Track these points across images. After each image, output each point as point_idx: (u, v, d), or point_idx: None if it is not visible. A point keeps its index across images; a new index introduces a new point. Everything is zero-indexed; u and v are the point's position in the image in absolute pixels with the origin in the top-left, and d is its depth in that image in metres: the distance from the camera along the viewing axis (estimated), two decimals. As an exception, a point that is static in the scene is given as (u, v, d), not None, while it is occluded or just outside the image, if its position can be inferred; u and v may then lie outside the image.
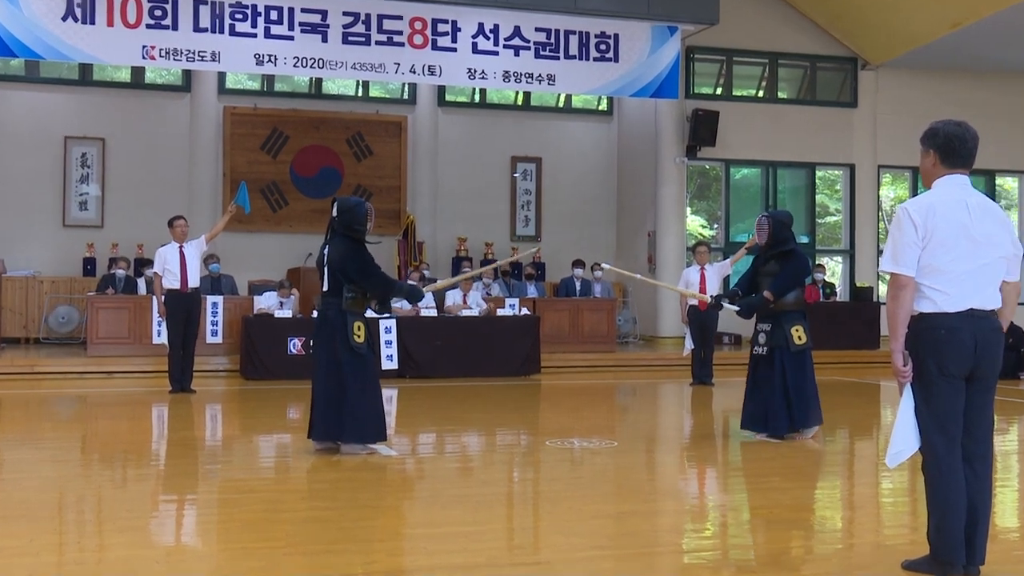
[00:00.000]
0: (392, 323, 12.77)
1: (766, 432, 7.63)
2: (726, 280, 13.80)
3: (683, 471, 6.96)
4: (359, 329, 6.79)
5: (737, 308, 7.85)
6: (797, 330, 7.65)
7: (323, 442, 6.95)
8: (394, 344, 12.75)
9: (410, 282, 13.84)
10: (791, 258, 7.76)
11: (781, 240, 7.78)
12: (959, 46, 17.59)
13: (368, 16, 14.53)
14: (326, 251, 6.89)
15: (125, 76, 17.95)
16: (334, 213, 6.88)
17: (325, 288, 6.90)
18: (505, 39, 15.08)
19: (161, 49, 13.78)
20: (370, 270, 6.83)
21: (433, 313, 13.45)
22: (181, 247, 10.80)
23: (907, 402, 3.90)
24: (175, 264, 10.69)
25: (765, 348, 7.68)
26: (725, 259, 13.80)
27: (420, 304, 12.47)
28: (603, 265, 9.64)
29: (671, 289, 12.24)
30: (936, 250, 3.83)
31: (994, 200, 7.58)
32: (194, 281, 10.74)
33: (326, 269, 6.87)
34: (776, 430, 7.59)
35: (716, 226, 19.95)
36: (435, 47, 14.77)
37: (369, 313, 7.07)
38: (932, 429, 3.87)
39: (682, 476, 6.79)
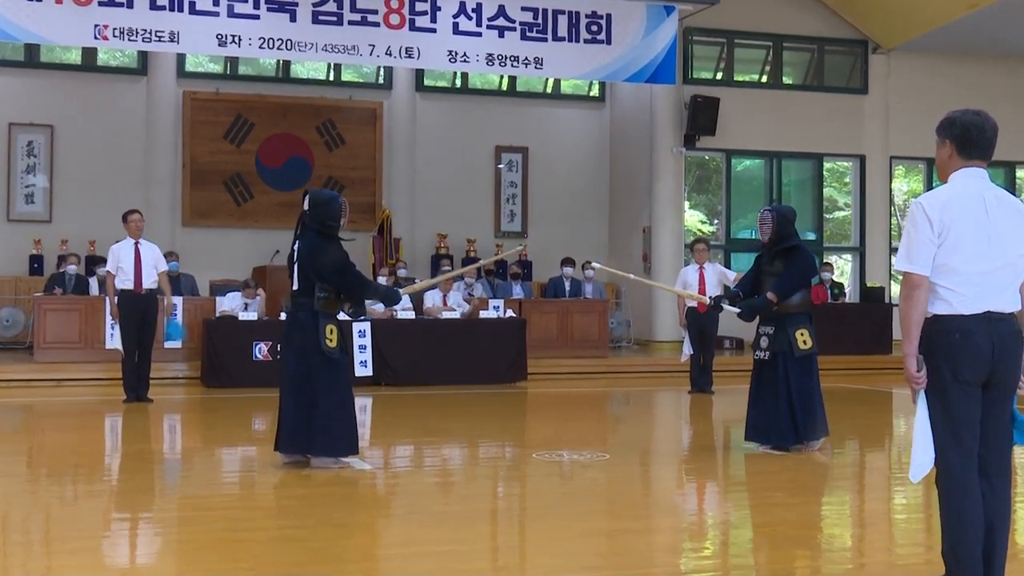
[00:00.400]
0: (367, 326, 12.75)
1: (770, 444, 7.66)
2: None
3: (680, 486, 6.97)
4: (331, 332, 6.78)
5: (738, 310, 7.86)
6: (802, 334, 7.66)
7: (291, 455, 6.93)
8: (368, 349, 12.73)
9: (380, 280, 13.86)
10: (796, 256, 7.77)
11: (785, 236, 7.80)
12: (978, 28, 17.70)
13: (340, -7, 14.50)
14: (296, 248, 6.89)
15: (76, 58, 17.87)
16: (305, 207, 6.87)
17: (295, 288, 6.89)
18: (489, 19, 15.09)
19: (115, 28, 13.72)
20: (344, 269, 6.83)
21: (411, 315, 13.44)
22: (136, 244, 10.75)
23: (923, 411, 3.92)
24: (129, 262, 10.64)
25: (767, 353, 7.70)
26: (727, 265, 13.89)
27: (396, 306, 12.44)
28: (594, 264, 9.60)
29: (668, 290, 12.31)
30: (952, 248, 3.85)
31: (1014, 194, 7.63)
32: (149, 281, 10.70)
33: (296, 267, 6.86)
34: (781, 442, 7.61)
35: (716, 222, 20.02)
36: (413, 27, 14.76)
37: (342, 316, 7.06)
38: (946, 440, 3.89)
39: (679, 491, 6.81)
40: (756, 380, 7.81)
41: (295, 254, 6.89)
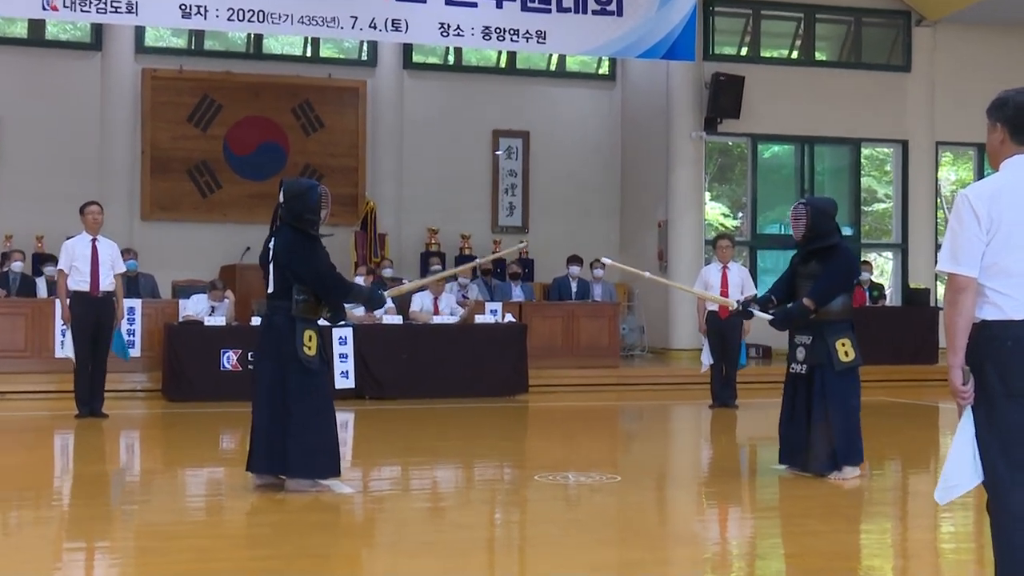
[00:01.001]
0: (348, 332, 12.76)
1: (805, 471, 7.58)
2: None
3: (700, 512, 6.98)
4: (310, 339, 6.79)
5: (770, 317, 7.81)
6: (843, 344, 7.54)
7: (264, 476, 6.94)
8: (350, 358, 12.74)
9: (358, 280, 13.86)
10: (835, 256, 7.67)
11: (824, 233, 7.70)
12: (1035, -3, 17.71)
13: (319, -41, 14.52)
14: (271, 245, 6.90)
15: (21, 31, 17.88)
16: (281, 199, 6.88)
17: (270, 290, 6.91)
18: (485, -12, 15.09)
19: (66, -2, 13.72)
20: (322, 269, 6.84)
21: (398, 320, 13.45)
22: (94, 240, 10.75)
23: (965, 427, 3.93)
24: (85, 260, 10.64)
25: (804, 366, 7.62)
26: (753, 264, 13.81)
27: (380, 311, 12.46)
28: (604, 261, 9.55)
29: (689, 292, 12.20)
30: (1002, 246, 3.85)
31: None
32: (107, 282, 10.70)
33: (271, 266, 6.88)
34: (819, 469, 7.52)
35: (741, 215, 20.03)
36: (400, -4, 14.76)
37: (322, 321, 7.08)
38: (996, 460, 3.89)
39: (699, 518, 6.82)
40: (790, 397, 7.72)
41: (270, 252, 6.90)
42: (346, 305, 7.27)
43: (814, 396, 7.52)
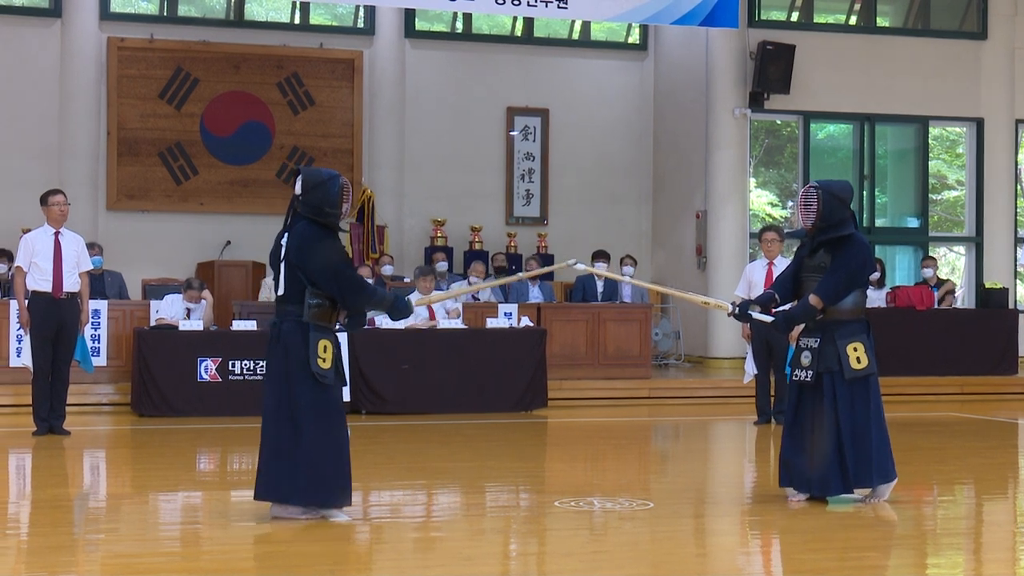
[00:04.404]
0: (343, 340, 12.78)
1: (809, 492, 7.60)
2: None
3: (744, 543, 6.99)
4: (325, 350, 6.83)
5: (770, 319, 7.82)
6: (855, 348, 7.54)
7: (273, 503, 6.97)
8: (345, 368, 12.76)
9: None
10: (848, 247, 7.63)
11: (837, 223, 7.67)
12: None
13: (309, -87, 14.57)
14: (284, 241, 6.96)
15: (-29, -4, 17.95)
16: (297, 191, 6.95)
17: (280, 292, 6.96)
18: (498, -55, 15.12)
19: (22, -41, 13.80)
20: (341, 269, 6.89)
21: (400, 325, 13.45)
22: (57, 234, 10.80)
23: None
24: (47, 257, 10.67)
25: (810, 373, 7.64)
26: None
27: (406, 320, 12.44)
28: (574, 265, 8.78)
29: (676, 295, 11.74)
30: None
31: None
32: (71, 282, 10.74)
33: (283, 266, 6.93)
34: (824, 490, 7.56)
35: (791, 204, 20.00)
36: (401, -44, 14.80)
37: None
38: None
39: (742, 550, 6.82)
40: (794, 408, 7.73)
41: (281, 249, 6.96)
42: (368, 314, 7.28)
43: (824, 408, 7.53)
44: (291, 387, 6.80)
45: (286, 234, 6.95)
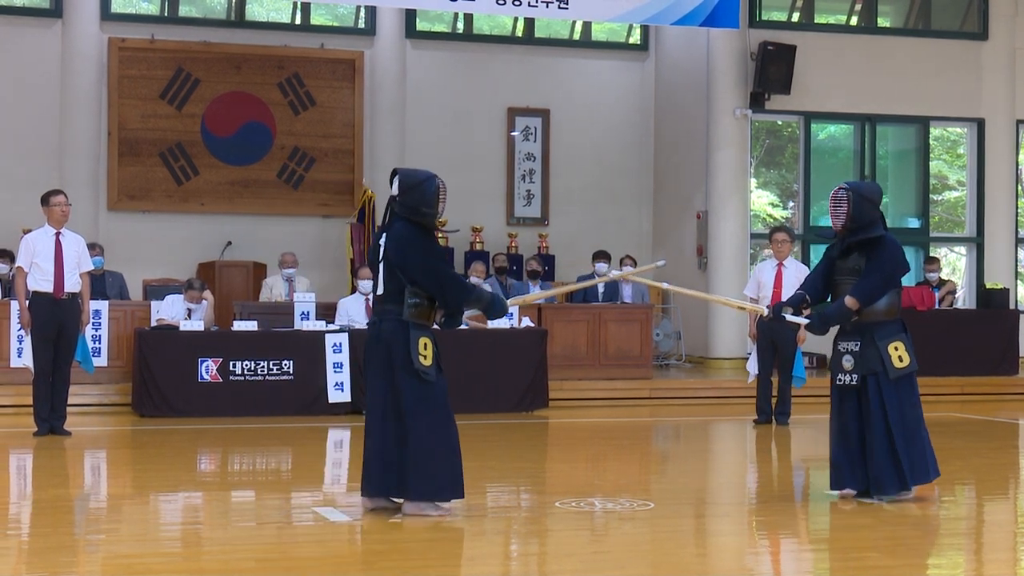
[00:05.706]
0: (343, 339, 12.79)
1: (870, 494, 7.58)
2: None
3: (749, 543, 6.98)
4: (425, 347, 6.98)
5: (806, 320, 7.82)
6: (896, 348, 7.60)
7: (377, 500, 7.13)
8: (345, 367, 12.76)
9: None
10: (881, 248, 7.72)
11: (867, 224, 7.74)
12: None
13: (309, -87, 14.57)
14: (382, 242, 7.05)
15: (-28, -4, 17.95)
16: (395, 191, 7.06)
17: (380, 292, 7.12)
18: (499, -55, 15.11)
19: (22, -41, 13.80)
20: (440, 268, 7.04)
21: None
22: (58, 234, 10.80)
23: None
24: (48, 258, 10.67)
25: (854, 376, 7.65)
26: (806, 263, 13.62)
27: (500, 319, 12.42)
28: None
29: (713, 301, 11.76)
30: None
31: None
32: (72, 283, 10.74)
33: (382, 266, 7.05)
34: (883, 489, 7.55)
35: (792, 205, 20.00)
36: (402, -44, 14.79)
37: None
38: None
39: (750, 550, 6.81)
40: (838, 412, 7.75)
41: (380, 250, 7.08)
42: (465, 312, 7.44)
43: (872, 410, 7.54)
44: (395, 385, 6.97)
45: (384, 234, 7.09)
